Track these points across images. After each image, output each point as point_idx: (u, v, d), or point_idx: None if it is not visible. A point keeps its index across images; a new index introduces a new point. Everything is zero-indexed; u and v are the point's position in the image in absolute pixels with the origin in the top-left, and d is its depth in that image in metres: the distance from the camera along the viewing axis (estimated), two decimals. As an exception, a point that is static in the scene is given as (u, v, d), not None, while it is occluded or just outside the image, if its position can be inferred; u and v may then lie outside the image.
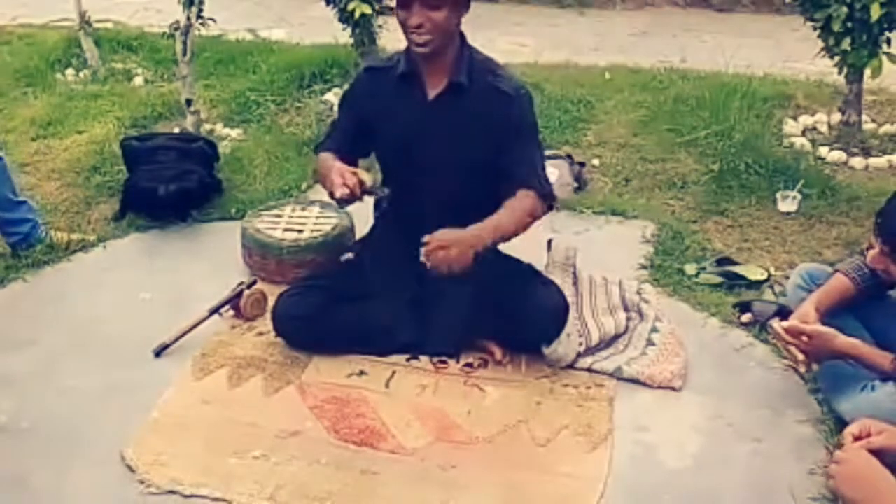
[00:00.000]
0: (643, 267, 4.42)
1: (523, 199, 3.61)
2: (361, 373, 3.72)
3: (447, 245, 3.39)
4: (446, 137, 3.64)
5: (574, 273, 4.08)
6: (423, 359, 3.80)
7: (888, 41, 5.11)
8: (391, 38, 3.57)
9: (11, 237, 4.61)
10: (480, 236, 3.49)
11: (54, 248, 4.66)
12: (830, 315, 3.34)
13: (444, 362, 3.77)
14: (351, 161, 3.80)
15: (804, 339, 3.27)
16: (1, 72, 7.17)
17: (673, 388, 3.61)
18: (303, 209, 4.63)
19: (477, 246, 3.45)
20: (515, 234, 3.65)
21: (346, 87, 3.97)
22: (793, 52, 6.92)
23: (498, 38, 5.10)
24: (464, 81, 3.61)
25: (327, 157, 3.74)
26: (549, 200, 3.72)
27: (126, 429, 3.44)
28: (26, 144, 5.93)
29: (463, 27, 3.74)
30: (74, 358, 3.89)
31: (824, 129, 5.77)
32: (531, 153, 3.71)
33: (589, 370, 3.70)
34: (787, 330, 3.32)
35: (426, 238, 3.41)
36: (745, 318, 3.99)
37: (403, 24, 3.53)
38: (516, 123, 3.65)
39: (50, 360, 3.88)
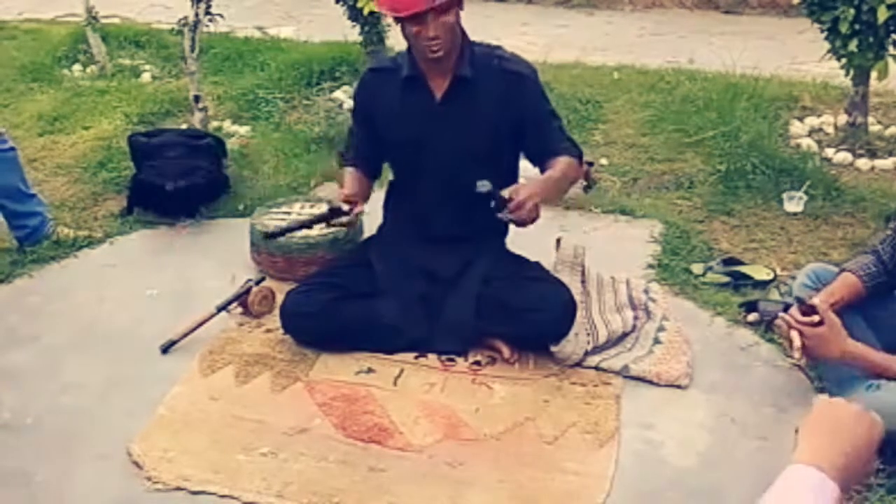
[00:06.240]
0: (650, 266, 4.42)
1: (562, 162, 3.68)
2: (369, 370, 3.73)
3: (526, 199, 3.41)
4: (460, 133, 3.67)
5: (582, 272, 4.09)
6: (432, 356, 3.80)
7: (894, 43, 5.11)
8: (400, 36, 3.58)
9: (20, 231, 4.62)
10: (545, 188, 3.57)
11: (60, 243, 4.67)
12: (837, 314, 3.34)
13: (452, 360, 3.78)
14: (376, 169, 3.94)
15: (815, 325, 3.24)
16: (7, 67, 7.18)
17: (679, 387, 3.62)
18: (311, 206, 4.64)
19: (543, 198, 3.52)
20: (564, 190, 3.88)
21: (355, 84, 3.99)
22: (799, 54, 6.92)
23: (506, 38, 5.10)
24: (468, 74, 3.64)
25: (350, 173, 3.88)
26: (581, 159, 3.83)
27: (131, 425, 3.45)
28: (33, 140, 5.95)
29: (471, 26, 3.75)
30: (80, 354, 3.90)
31: (830, 130, 5.76)
32: (553, 123, 3.79)
33: (596, 368, 3.70)
34: (803, 311, 3.30)
35: (508, 193, 3.42)
36: (752, 317, 3.99)
37: (416, 38, 3.52)
38: (533, 101, 3.72)
39: (55, 356, 3.89)
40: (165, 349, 3.87)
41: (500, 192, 3.43)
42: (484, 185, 3.41)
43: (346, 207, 3.55)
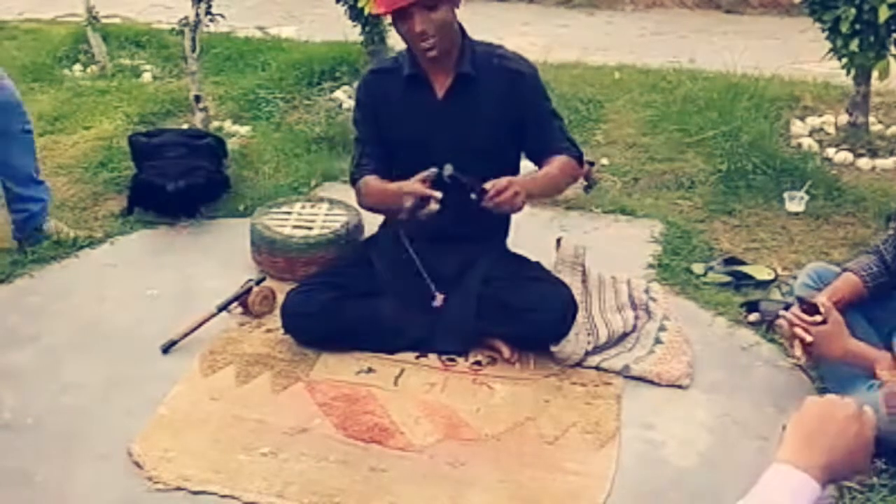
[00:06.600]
0: (651, 266, 4.42)
1: (560, 161, 3.70)
2: (370, 370, 3.72)
3: (508, 186, 3.43)
4: (462, 130, 3.67)
5: (583, 272, 4.09)
6: (432, 356, 3.79)
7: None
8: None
9: (19, 213, 4.62)
10: (532, 181, 3.62)
11: (61, 243, 4.66)
12: (839, 313, 3.33)
13: (453, 360, 3.77)
14: (391, 169, 3.80)
15: (818, 325, 3.23)
16: (8, 67, 7.07)
17: (680, 387, 3.61)
18: (312, 206, 4.64)
19: (529, 189, 3.53)
20: (558, 189, 3.87)
21: (355, 84, 3.97)
22: (801, 54, 6.91)
23: (507, 38, 5.10)
24: (470, 72, 3.65)
25: (373, 181, 3.76)
26: (581, 160, 3.85)
27: (132, 425, 3.44)
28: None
29: (472, 26, 3.74)
30: (80, 354, 3.89)
31: (831, 130, 5.76)
32: (553, 122, 3.80)
33: (597, 368, 3.70)
34: (805, 310, 3.29)
35: (490, 185, 3.43)
36: (753, 317, 3.99)
37: (407, 35, 3.54)
38: (533, 99, 3.73)
39: (55, 356, 3.88)
40: (166, 349, 3.87)
41: (467, 178, 3.45)
42: (447, 169, 3.42)
43: (437, 195, 3.50)
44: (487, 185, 3.42)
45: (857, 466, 1.60)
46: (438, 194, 3.42)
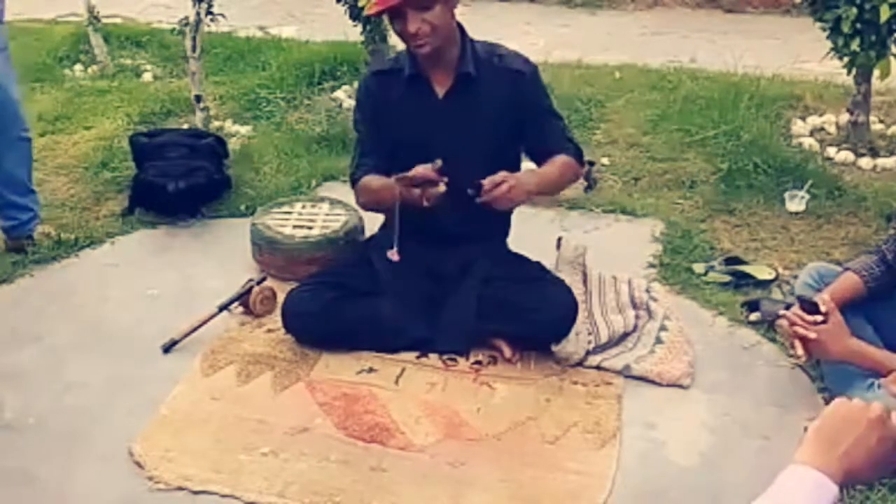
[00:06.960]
0: (652, 265, 4.42)
1: (560, 160, 3.70)
2: (371, 370, 3.72)
3: (504, 181, 3.43)
4: (463, 130, 3.66)
5: (583, 271, 4.09)
6: (433, 356, 3.80)
7: (896, 42, 5.11)
8: (402, 35, 3.62)
9: (8, 221, 4.63)
10: (531, 178, 3.62)
11: (62, 243, 4.67)
12: (840, 312, 3.33)
13: (454, 360, 3.77)
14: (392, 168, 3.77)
15: (818, 324, 3.23)
16: (8, 67, 7.17)
17: (681, 386, 3.61)
18: (312, 206, 4.64)
19: (528, 186, 3.54)
20: (558, 187, 3.88)
21: (356, 83, 3.96)
22: (802, 53, 6.90)
23: (508, 38, 5.08)
24: (471, 71, 3.64)
25: (374, 178, 3.74)
26: (581, 159, 3.85)
27: (133, 425, 3.45)
28: (34, 140, 5.90)
29: (473, 26, 3.74)
30: (81, 354, 3.90)
31: (832, 129, 5.76)
32: (553, 121, 3.81)
33: (598, 368, 3.70)
34: (806, 309, 3.28)
35: (485, 181, 3.43)
36: (754, 316, 3.99)
37: (402, 34, 3.53)
38: (533, 98, 3.73)
39: (57, 356, 3.89)
40: (167, 349, 3.87)
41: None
42: (436, 165, 3.43)
43: (445, 179, 3.45)
44: (485, 181, 3.42)
45: (877, 471, 1.60)
46: (445, 178, 3.43)
